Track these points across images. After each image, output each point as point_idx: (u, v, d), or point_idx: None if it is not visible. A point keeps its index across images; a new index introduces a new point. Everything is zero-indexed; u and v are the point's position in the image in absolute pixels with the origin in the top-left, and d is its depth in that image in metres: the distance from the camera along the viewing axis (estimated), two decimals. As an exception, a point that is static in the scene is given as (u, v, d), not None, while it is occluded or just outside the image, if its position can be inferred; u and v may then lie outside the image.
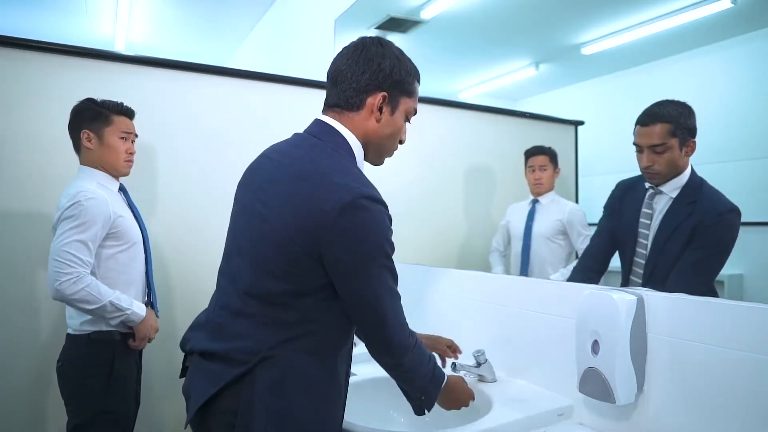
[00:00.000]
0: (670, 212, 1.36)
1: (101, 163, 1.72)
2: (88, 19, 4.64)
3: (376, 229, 1.02)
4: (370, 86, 1.09)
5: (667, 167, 1.36)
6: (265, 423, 1.00)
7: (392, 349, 1.08)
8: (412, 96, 1.17)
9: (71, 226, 1.56)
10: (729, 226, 1.24)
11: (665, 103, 1.38)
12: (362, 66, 1.09)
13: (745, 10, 1.39)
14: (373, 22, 2.68)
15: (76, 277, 1.52)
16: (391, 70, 1.10)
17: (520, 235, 2.00)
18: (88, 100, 1.74)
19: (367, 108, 1.10)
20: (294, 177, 1.05)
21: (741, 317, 0.99)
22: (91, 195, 1.60)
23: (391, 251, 1.06)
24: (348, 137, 1.10)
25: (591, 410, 1.27)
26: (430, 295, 1.90)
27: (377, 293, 1.04)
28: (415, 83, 1.18)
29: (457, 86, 2.46)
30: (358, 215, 0.99)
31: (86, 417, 1.60)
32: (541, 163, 1.97)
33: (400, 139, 1.19)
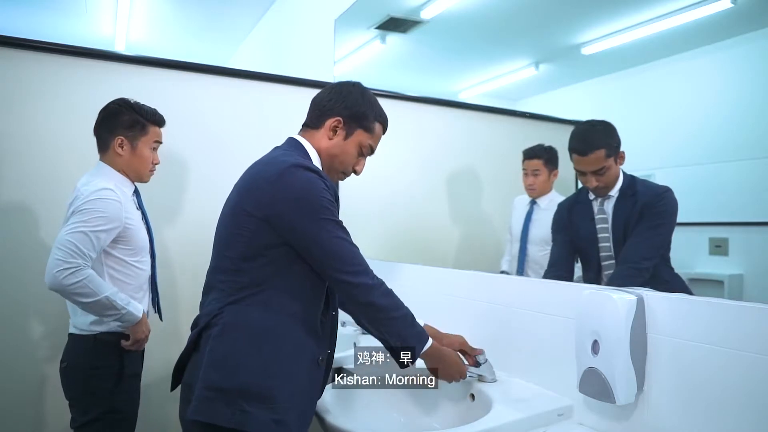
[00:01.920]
0: (617, 209, 1.51)
1: (126, 169, 1.72)
2: (88, 19, 4.64)
3: (312, 187, 1.18)
4: (333, 111, 1.30)
5: (610, 181, 1.53)
6: (207, 366, 1.15)
7: (357, 288, 1.19)
8: (369, 132, 1.34)
9: (82, 219, 1.54)
10: (669, 201, 1.39)
11: (592, 129, 1.58)
12: (332, 95, 1.32)
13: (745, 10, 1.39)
14: (373, 22, 2.68)
15: (76, 268, 1.50)
16: (354, 104, 1.31)
17: (517, 238, 1.99)
18: (123, 101, 1.72)
19: (325, 127, 1.31)
20: (251, 171, 1.27)
21: (741, 317, 0.99)
22: (111, 197, 1.60)
23: (333, 208, 1.20)
24: (309, 149, 1.31)
25: (591, 410, 1.27)
26: (429, 295, 1.90)
27: (327, 240, 1.17)
28: (377, 125, 1.35)
29: (457, 86, 2.46)
30: (294, 175, 1.18)
31: (92, 416, 1.61)
32: (533, 168, 1.94)
33: (354, 169, 1.37)
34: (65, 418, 1.66)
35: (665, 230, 1.40)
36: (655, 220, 1.42)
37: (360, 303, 1.22)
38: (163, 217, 2.19)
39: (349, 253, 1.20)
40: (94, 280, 1.53)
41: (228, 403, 1.11)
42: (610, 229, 1.52)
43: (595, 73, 1.80)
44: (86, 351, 1.62)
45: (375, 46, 2.77)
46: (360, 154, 1.35)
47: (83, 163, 1.77)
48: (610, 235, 1.52)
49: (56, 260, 1.49)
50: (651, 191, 1.45)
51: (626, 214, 1.48)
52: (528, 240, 1.95)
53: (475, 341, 1.61)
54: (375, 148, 1.38)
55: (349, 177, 1.40)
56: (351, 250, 1.21)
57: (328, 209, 1.19)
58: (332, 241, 1.18)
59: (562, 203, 1.76)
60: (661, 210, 1.42)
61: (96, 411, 1.61)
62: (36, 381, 1.93)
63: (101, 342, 1.62)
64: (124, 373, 1.65)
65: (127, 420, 1.68)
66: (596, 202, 1.57)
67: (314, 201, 1.17)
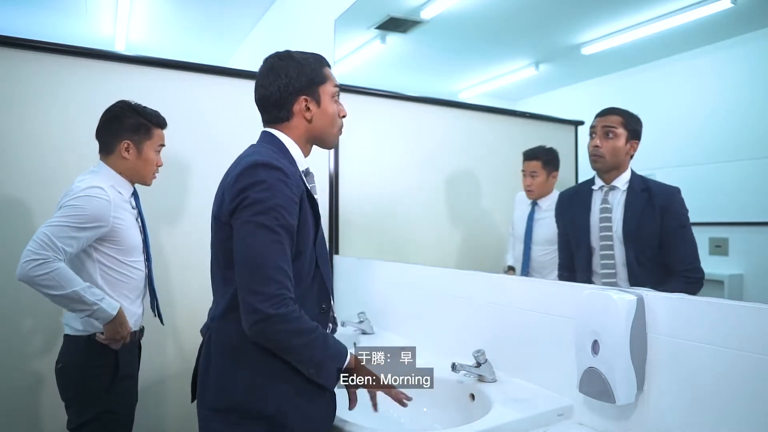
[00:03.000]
0: (630, 201, 1.49)
1: (130, 173, 1.72)
2: (88, 19, 4.64)
3: (259, 185, 1.10)
4: (290, 96, 1.25)
5: (610, 153, 1.52)
6: (201, 385, 1.19)
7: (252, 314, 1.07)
8: (326, 81, 1.30)
9: (65, 213, 1.53)
10: (683, 201, 1.40)
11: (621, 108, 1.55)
12: (274, 83, 1.25)
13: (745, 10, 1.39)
14: (373, 22, 2.68)
15: (44, 260, 1.47)
16: (298, 75, 1.25)
17: (521, 239, 1.99)
18: (125, 104, 1.71)
19: (297, 114, 1.26)
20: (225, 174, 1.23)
21: (741, 317, 0.99)
22: (100, 195, 1.58)
23: (280, 212, 1.10)
24: (285, 141, 1.26)
25: (591, 410, 1.27)
26: (430, 296, 1.90)
27: (248, 244, 1.09)
28: (324, 70, 1.31)
29: (457, 86, 2.46)
30: (249, 173, 1.11)
31: (88, 417, 1.60)
32: (532, 169, 1.94)
33: (340, 116, 1.34)
34: (61, 419, 1.65)
35: (691, 231, 1.39)
36: (681, 220, 1.40)
37: (250, 330, 1.08)
38: (162, 217, 2.19)
39: (263, 267, 1.07)
40: (62, 273, 1.49)
41: (223, 421, 1.13)
42: (620, 220, 1.50)
43: (595, 73, 1.80)
44: (81, 351, 1.61)
45: (375, 46, 2.77)
46: (336, 102, 1.32)
47: (83, 163, 1.77)
48: (614, 225, 1.51)
49: (27, 251, 1.48)
50: (666, 189, 1.44)
51: (641, 207, 1.47)
52: (532, 242, 1.95)
53: (475, 341, 1.61)
54: (338, 84, 1.34)
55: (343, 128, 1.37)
56: (270, 264, 1.08)
57: (270, 212, 1.09)
58: (253, 248, 1.08)
59: (564, 192, 1.77)
60: (682, 210, 1.40)
61: (92, 412, 1.60)
62: (31, 382, 1.93)
63: (96, 342, 1.61)
64: (120, 374, 1.64)
65: (123, 420, 1.67)
66: (600, 192, 1.56)
67: (255, 200, 1.09)
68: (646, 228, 1.46)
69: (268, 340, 1.10)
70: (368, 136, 2.67)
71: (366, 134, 2.66)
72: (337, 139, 1.36)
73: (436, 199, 2.52)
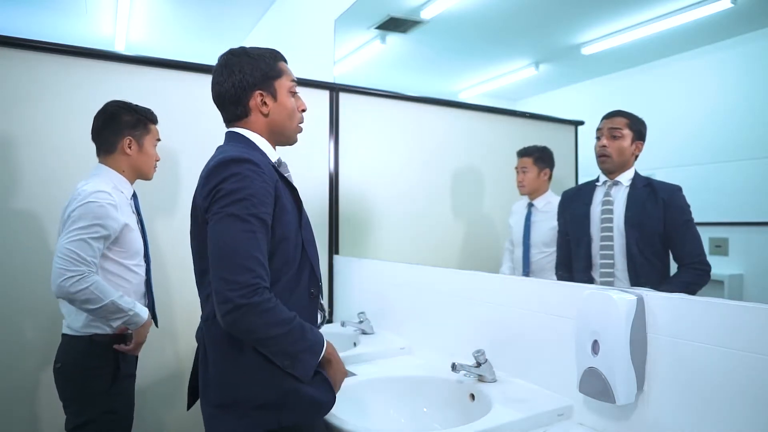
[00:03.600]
0: (632, 195, 1.54)
1: (132, 168, 1.73)
2: (88, 19, 4.64)
3: (232, 177, 1.10)
4: (245, 91, 1.24)
5: (617, 152, 1.57)
6: (204, 385, 1.19)
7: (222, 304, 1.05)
8: (282, 75, 1.29)
9: (80, 225, 1.55)
10: (685, 198, 1.44)
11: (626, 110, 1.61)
12: (229, 80, 1.24)
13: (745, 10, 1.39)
14: (373, 22, 2.68)
15: (80, 275, 1.51)
16: (252, 70, 1.25)
17: (519, 241, 2.00)
18: (119, 103, 1.73)
19: (254, 109, 1.26)
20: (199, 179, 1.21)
21: (741, 317, 0.99)
22: (107, 200, 1.60)
23: (253, 201, 1.10)
24: (250, 136, 1.26)
25: (591, 410, 1.27)
26: (430, 296, 1.90)
27: (221, 234, 1.08)
28: (279, 64, 1.30)
29: (457, 86, 2.46)
30: (221, 169, 1.12)
31: (88, 418, 1.59)
32: (522, 165, 1.99)
33: (300, 110, 1.32)
34: (60, 419, 1.65)
35: (694, 226, 1.42)
36: (686, 215, 1.43)
37: (223, 321, 1.07)
38: (162, 218, 2.19)
39: (234, 255, 1.06)
40: (99, 286, 1.55)
41: (229, 416, 1.14)
42: (622, 213, 1.53)
43: (595, 73, 1.80)
44: (81, 352, 1.61)
45: (375, 46, 2.77)
46: (294, 97, 1.31)
47: (83, 163, 1.77)
48: (615, 217, 1.54)
49: (60, 269, 1.51)
50: (668, 186, 1.48)
51: (642, 200, 1.51)
52: (530, 244, 1.95)
53: (475, 341, 1.61)
54: (295, 79, 1.33)
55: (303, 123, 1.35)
56: (241, 253, 1.06)
57: (241, 202, 1.09)
58: (224, 238, 1.07)
59: (567, 191, 1.80)
60: (686, 205, 1.43)
61: (91, 412, 1.59)
62: (30, 382, 1.92)
63: (96, 343, 1.61)
64: (119, 374, 1.64)
65: (123, 421, 1.67)
66: (603, 187, 1.59)
67: (227, 191, 1.09)
68: (648, 220, 1.50)
69: (241, 330, 1.07)
70: (368, 136, 2.67)
71: (366, 134, 2.67)
72: (297, 133, 1.34)
73: (436, 199, 2.52)
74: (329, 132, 2.59)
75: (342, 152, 2.61)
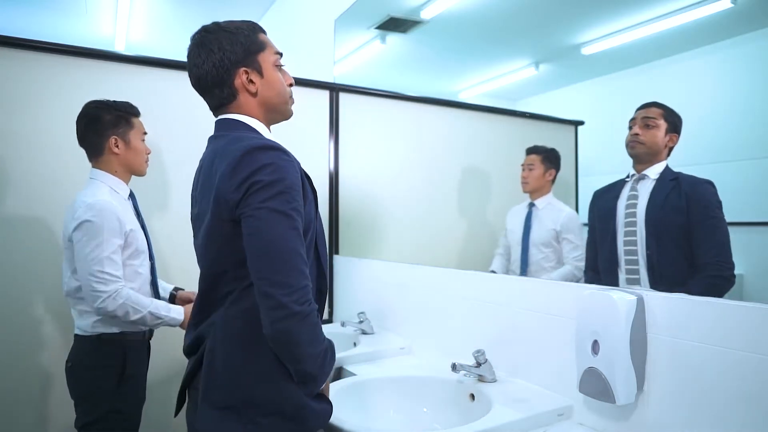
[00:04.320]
0: (657, 188, 1.47)
1: (125, 166, 1.73)
2: (88, 19, 4.64)
3: (270, 170, 1.01)
4: (229, 70, 1.13)
5: (650, 140, 1.50)
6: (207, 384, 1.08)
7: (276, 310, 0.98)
8: (265, 48, 1.19)
9: (95, 243, 1.57)
10: (714, 193, 1.35)
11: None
12: (208, 62, 1.13)
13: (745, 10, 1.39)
14: (373, 22, 2.68)
15: (115, 292, 1.57)
16: (232, 45, 1.14)
17: (518, 242, 2.00)
18: (97, 103, 1.72)
19: (241, 90, 1.15)
20: (209, 165, 1.12)
21: (741, 317, 0.99)
22: (108, 207, 1.61)
23: (293, 193, 1.03)
24: (247, 121, 1.16)
25: (591, 410, 1.27)
26: (430, 296, 1.90)
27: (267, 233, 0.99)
28: (259, 36, 1.20)
29: (457, 86, 2.46)
30: (249, 161, 1.01)
31: (96, 416, 1.62)
32: (529, 163, 1.98)
33: (288, 84, 1.23)
34: (71, 417, 1.67)
35: (722, 223, 1.33)
36: (710, 211, 1.36)
37: (273, 328, 0.99)
38: (162, 218, 2.19)
39: (285, 255, 0.99)
40: (132, 298, 1.60)
41: (236, 419, 1.05)
42: (642, 208, 1.48)
43: (595, 73, 1.80)
44: (90, 351, 1.64)
45: (375, 46, 2.77)
46: (280, 70, 1.21)
47: (83, 163, 1.77)
48: (639, 212, 1.48)
49: (93, 293, 1.56)
50: (694, 180, 1.42)
51: (666, 195, 1.44)
52: (529, 243, 1.95)
53: (475, 341, 1.61)
54: (280, 51, 1.23)
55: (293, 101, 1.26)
56: (292, 252, 1.00)
57: (282, 195, 1.01)
58: (271, 236, 0.99)
59: (597, 190, 1.69)
60: (712, 201, 1.35)
61: (100, 410, 1.62)
62: (43, 380, 1.95)
63: (105, 342, 1.64)
64: (128, 373, 1.66)
65: (131, 419, 1.69)
66: (630, 181, 1.54)
67: (265, 183, 1.00)
68: (670, 216, 1.43)
69: (289, 341, 1.00)
70: (368, 136, 2.67)
71: (366, 134, 2.67)
72: (290, 106, 1.24)
73: (436, 199, 2.52)
74: (329, 132, 2.59)
75: (342, 152, 2.61)
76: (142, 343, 1.73)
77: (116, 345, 1.65)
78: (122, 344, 1.66)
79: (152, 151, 1.84)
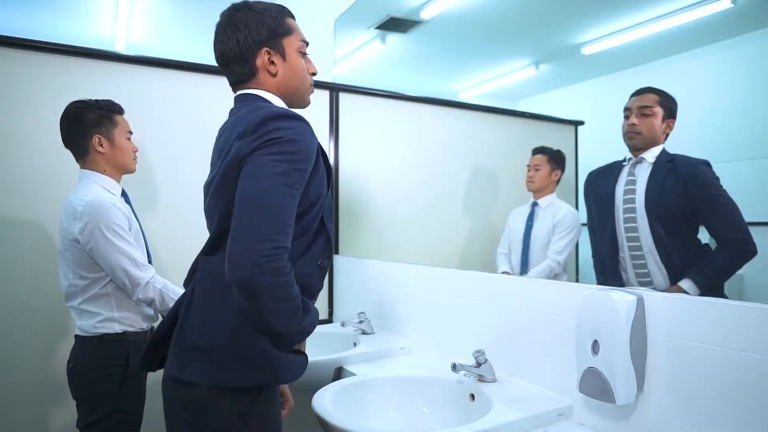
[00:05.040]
0: (655, 171, 1.47)
1: (113, 165, 1.72)
2: (88, 19, 4.64)
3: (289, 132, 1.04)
4: (251, 49, 1.16)
5: (647, 129, 1.49)
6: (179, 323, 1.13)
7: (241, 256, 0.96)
8: (291, 33, 1.21)
9: (113, 242, 1.59)
10: (710, 171, 1.35)
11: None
12: (233, 37, 1.16)
13: (745, 10, 1.39)
14: (373, 22, 2.68)
15: (152, 278, 1.64)
16: (258, 25, 1.16)
17: (519, 240, 2.00)
18: (78, 103, 1.71)
19: (261, 69, 1.18)
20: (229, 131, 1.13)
21: (741, 317, 0.99)
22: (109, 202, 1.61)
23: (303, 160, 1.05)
24: (266, 95, 1.18)
25: (591, 410, 1.27)
26: (430, 296, 1.90)
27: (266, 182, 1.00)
28: (287, 20, 1.22)
29: (457, 86, 2.46)
30: (270, 123, 1.04)
31: (99, 416, 1.62)
32: (535, 163, 1.98)
33: (310, 72, 1.25)
34: (71, 417, 1.67)
35: (727, 198, 1.31)
36: (709, 189, 1.35)
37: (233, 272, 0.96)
38: (162, 218, 2.18)
39: (272, 208, 0.98)
40: (168, 287, 1.66)
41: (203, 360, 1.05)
42: (641, 192, 1.47)
43: (595, 73, 1.80)
44: (92, 352, 1.64)
45: (375, 46, 2.77)
46: (303, 58, 1.23)
47: (83, 163, 1.77)
48: (637, 197, 1.48)
49: (133, 282, 1.61)
50: (690, 161, 1.42)
51: (663, 177, 1.44)
52: (531, 241, 1.95)
53: (476, 341, 1.62)
54: (306, 39, 1.25)
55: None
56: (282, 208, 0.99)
57: (291, 157, 1.02)
58: (265, 187, 0.99)
59: (592, 171, 1.69)
60: (711, 179, 1.35)
61: (102, 411, 1.62)
62: (45, 381, 1.95)
63: (108, 343, 1.64)
64: (130, 373, 1.66)
65: (133, 419, 1.69)
66: (627, 165, 1.54)
67: (280, 139, 1.02)
68: (668, 198, 1.43)
69: (251, 294, 0.97)
70: (368, 136, 2.67)
71: (366, 134, 2.67)
72: (309, 94, 1.26)
73: (436, 199, 2.52)
74: (329, 132, 2.59)
75: (342, 152, 2.61)
76: (144, 342, 1.73)
77: (119, 345, 1.65)
78: (125, 344, 1.66)
79: (149, 150, 1.84)
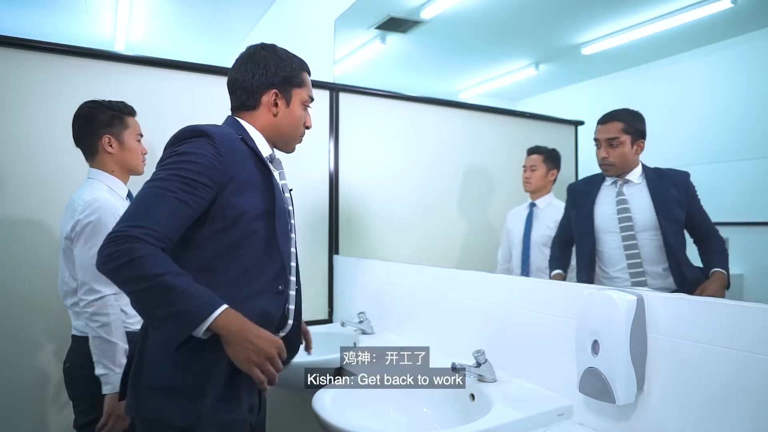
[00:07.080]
0: (653, 187, 1.51)
1: (121, 166, 1.72)
2: (88, 19, 4.64)
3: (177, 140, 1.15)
4: (262, 86, 1.26)
5: (619, 159, 1.55)
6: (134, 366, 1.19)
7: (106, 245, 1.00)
8: (303, 86, 1.30)
9: (95, 242, 1.54)
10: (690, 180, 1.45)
11: (620, 109, 1.57)
12: (251, 71, 1.26)
13: (745, 10, 1.39)
14: (373, 22, 2.68)
15: (112, 296, 1.57)
16: (277, 69, 1.26)
17: (518, 241, 2.00)
18: (91, 103, 1.71)
19: (264, 105, 1.27)
20: None
21: (741, 317, 0.99)
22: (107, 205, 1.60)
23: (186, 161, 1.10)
24: (248, 127, 1.26)
25: (591, 410, 1.27)
26: (430, 296, 1.90)
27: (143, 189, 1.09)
28: (303, 74, 1.31)
29: (457, 86, 2.46)
30: (173, 136, 1.16)
31: (95, 416, 1.60)
32: (531, 163, 1.98)
33: (305, 125, 1.33)
34: (69, 417, 1.67)
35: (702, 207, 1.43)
36: (697, 196, 1.43)
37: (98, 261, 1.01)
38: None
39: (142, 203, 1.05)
40: (122, 319, 1.60)
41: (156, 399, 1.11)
42: (646, 209, 1.51)
43: (595, 73, 1.80)
44: (88, 352, 1.62)
45: (375, 46, 2.77)
46: (304, 111, 1.32)
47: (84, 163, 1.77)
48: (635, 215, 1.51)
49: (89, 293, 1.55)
50: (679, 173, 1.47)
51: (667, 190, 1.49)
52: (531, 242, 1.95)
53: (476, 341, 1.61)
54: (313, 96, 1.34)
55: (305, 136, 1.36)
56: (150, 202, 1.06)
57: (178, 163, 1.09)
58: (143, 191, 1.08)
59: (573, 184, 1.79)
60: (694, 187, 1.44)
61: (98, 411, 1.61)
62: (40, 381, 1.94)
63: None
64: None
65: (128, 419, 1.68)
66: (614, 187, 1.58)
67: (168, 154, 1.13)
68: (676, 208, 1.48)
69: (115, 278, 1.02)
70: (368, 136, 2.67)
71: (366, 134, 2.66)
72: (296, 143, 1.35)
73: (436, 199, 2.52)
74: (329, 132, 2.59)
75: (342, 152, 2.61)
76: None
77: None
78: None
79: (152, 150, 1.84)
